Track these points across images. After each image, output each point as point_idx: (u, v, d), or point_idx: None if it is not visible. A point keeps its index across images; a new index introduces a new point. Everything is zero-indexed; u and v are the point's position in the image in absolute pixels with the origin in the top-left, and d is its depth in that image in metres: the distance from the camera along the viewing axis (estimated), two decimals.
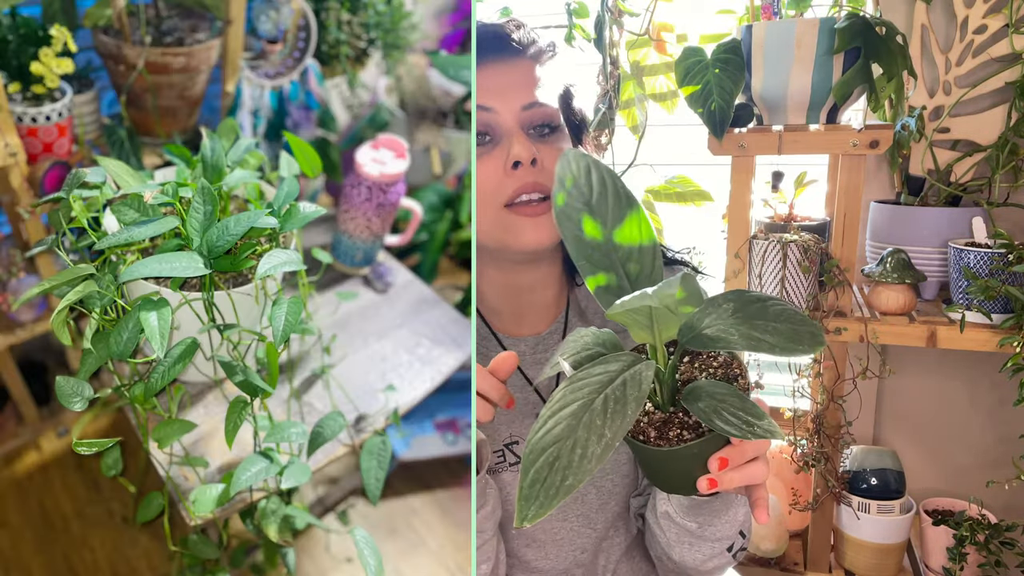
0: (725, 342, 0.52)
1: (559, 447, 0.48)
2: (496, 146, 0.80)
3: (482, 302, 0.91)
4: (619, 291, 0.57)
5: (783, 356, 0.50)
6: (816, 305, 1.21)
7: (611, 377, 0.51)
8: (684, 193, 1.46)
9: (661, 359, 0.55)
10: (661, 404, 0.58)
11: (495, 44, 0.82)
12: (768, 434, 0.50)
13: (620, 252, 0.58)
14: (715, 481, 0.57)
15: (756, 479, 0.59)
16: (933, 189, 1.34)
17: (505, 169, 0.79)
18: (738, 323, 0.52)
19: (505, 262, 0.85)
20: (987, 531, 1.24)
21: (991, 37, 1.31)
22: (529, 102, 0.80)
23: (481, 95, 0.80)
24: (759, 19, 1.22)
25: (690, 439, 0.55)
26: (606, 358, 0.53)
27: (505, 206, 0.79)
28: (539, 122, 0.81)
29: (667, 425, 0.57)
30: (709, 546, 0.74)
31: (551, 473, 0.47)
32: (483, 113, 0.80)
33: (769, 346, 0.51)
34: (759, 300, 0.53)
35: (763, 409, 0.52)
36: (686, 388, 0.55)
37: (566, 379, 0.52)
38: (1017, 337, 1.11)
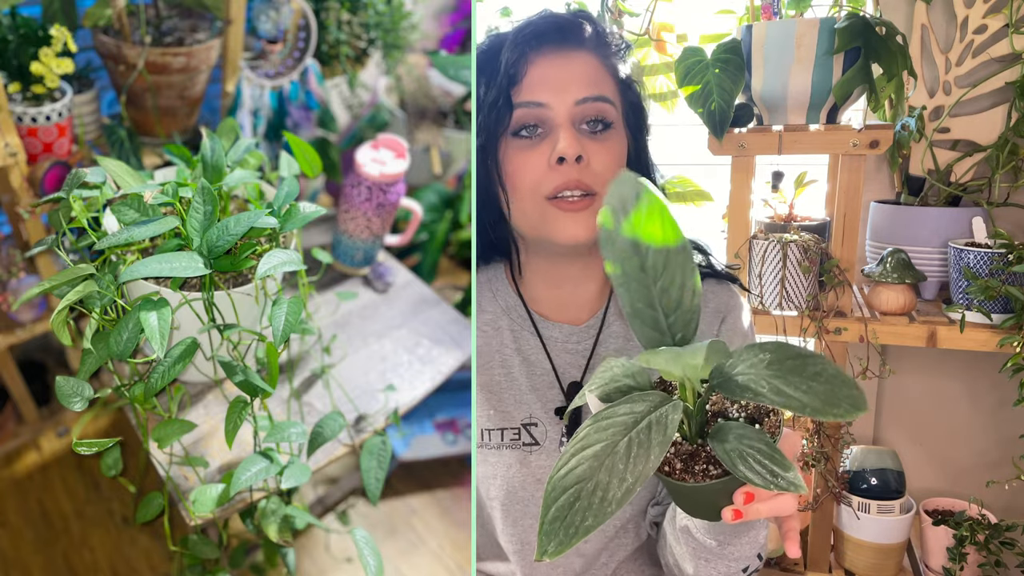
0: (753, 393, 0.50)
1: (580, 488, 0.48)
2: (544, 139, 0.79)
3: (525, 289, 0.91)
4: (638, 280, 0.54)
5: (814, 416, 0.49)
6: (816, 305, 1.21)
7: (636, 419, 0.51)
8: (684, 193, 1.46)
9: (690, 397, 0.54)
10: (689, 436, 0.57)
11: (555, 34, 0.80)
12: (791, 487, 0.48)
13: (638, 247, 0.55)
14: (740, 513, 0.56)
15: (784, 512, 0.58)
16: (933, 189, 1.34)
17: (549, 163, 0.78)
18: (771, 375, 0.50)
19: (547, 252, 0.85)
20: (987, 531, 1.24)
21: (991, 37, 1.31)
22: (583, 96, 0.78)
23: (536, 89, 0.79)
24: (759, 19, 1.22)
25: (716, 474, 0.54)
26: (632, 396, 0.52)
27: (546, 198, 0.79)
28: (592, 117, 0.79)
29: (694, 458, 0.56)
30: (725, 564, 0.73)
31: (571, 513, 0.48)
32: (535, 109, 0.78)
33: (800, 405, 0.48)
34: (799, 356, 0.50)
35: (790, 455, 0.50)
36: (714, 427, 0.54)
37: (592, 416, 0.52)
38: (1017, 337, 1.12)
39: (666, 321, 0.54)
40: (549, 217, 0.79)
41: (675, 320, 0.54)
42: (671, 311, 0.54)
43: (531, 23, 0.81)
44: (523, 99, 0.79)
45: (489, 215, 0.85)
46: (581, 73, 0.80)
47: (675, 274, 0.53)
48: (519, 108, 0.79)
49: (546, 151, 0.78)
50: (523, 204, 0.81)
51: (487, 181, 0.83)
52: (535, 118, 0.79)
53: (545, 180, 0.78)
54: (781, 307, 1.24)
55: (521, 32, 0.80)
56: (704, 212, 1.48)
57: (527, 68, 0.79)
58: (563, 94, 0.78)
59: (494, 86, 0.80)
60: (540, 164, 0.78)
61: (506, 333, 0.89)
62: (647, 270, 0.53)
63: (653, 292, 0.54)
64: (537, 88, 0.79)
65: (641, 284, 0.54)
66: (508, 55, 0.79)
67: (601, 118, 0.79)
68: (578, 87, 0.79)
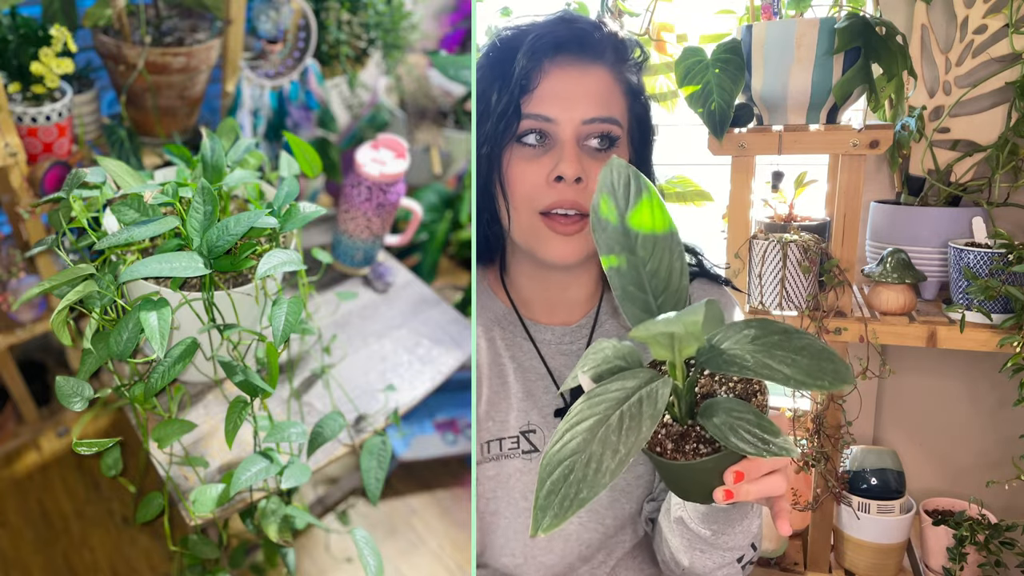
0: (739, 366, 0.52)
1: (574, 460, 0.49)
2: (546, 152, 0.78)
3: (514, 291, 0.91)
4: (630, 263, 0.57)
5: (798, 389, 0.50)
6: (816, 305, 1.21)
7: (627, 394, 0.52)
8: (684, 193, 1.46)
9: (679, 375, 0.55)
10: (679, 417, 0.58)
11: (575, 45, 0.79)
12: (784, 452, 0.49)
13: (634, 236, 0.57)
14: (731, 493, 0.57)
15: (774, 492, 0.59)
16: (933, 189, 1.34)
17: (548, 179, 0.77)
18: (756, 350, 0.52)
19: (537, 261, 0.84)
20: (987, 531, 1.24)
21: (991, 37, 1.31)
22: (592, 116, 0.78)
23: (546, 102, 0.78)
24: (759, 19, 1.22)
25: (706, 453, 0.55)
26: (624, 374, 0.54)
27: (540, 213, 0.79)
28: (597, 135, 0.79)
29: (684, 438, 0.57)
30: (720, 555, 0.74)
31: (566, 485, 0.49)
32: (542, 122, 0.78)
33: (784, 377, 0.50)
34: (785, 331, 0.52)
35: (780, 427, 0.52)
36: (703, 404, 0.55)
37: (584, 394, 0.53)
38: (1017, 337, 1.11)
39: (655, 302, 0.57)
40: (541, 235, 0.79)
41: (664, 301, 0.57)
42: (660, 292, 0.57)
43: (551, 29, 0.79)
44: (532, 111, 0.78)
45: (485, 212, 0.85)
46: (593, 90, 0.79)
47: (663, 257, 0.56)
48: (528, 119, 0.78)
49: (547, 165, 0.78)
50: (517, 213, 0.80)
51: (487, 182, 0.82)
52: (540, 130, 0.79)
53: (541, 195, 0.78)
54: (781, 307, 1.24)
55: (540, 39, 0.79)
56: (704, 212, 1.48)
57: (540, 79, 0.78)
58: (572, 111, 0.77)
59: (505, 92, 0.78)
60: (539, 178, 0.78)
61: (499, 343, 0.89)
62: (637, 254, 0.57)
63: (643, 275, 0.57)
64: (548, 101, 0.78)
65: (632, 267, 0.57)
66: (523, 62, 0.78)
67: (607, 135, 0.79)
68: (587, 105, 0.78)
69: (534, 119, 0.78)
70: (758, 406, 0.57)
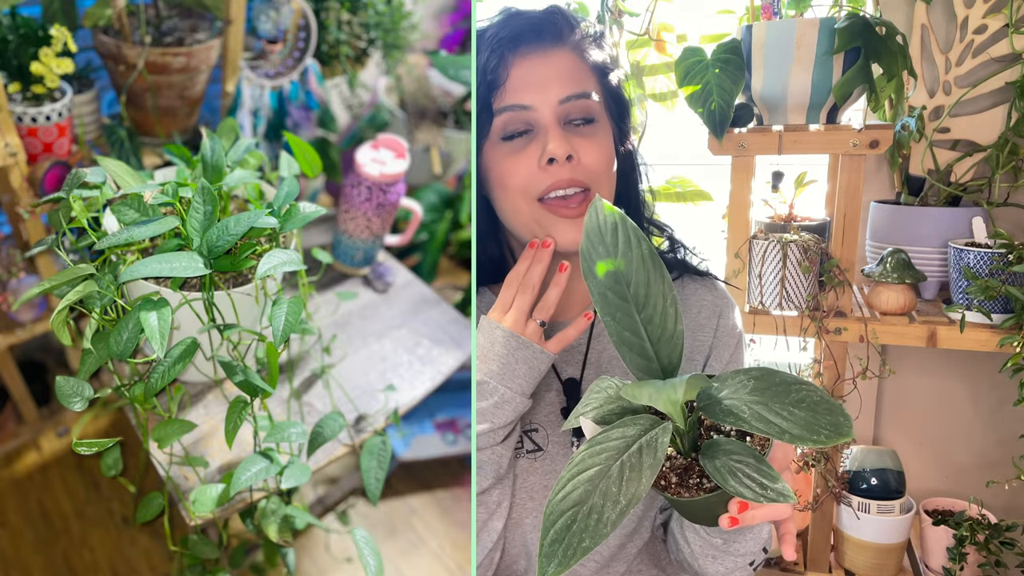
0: (736, 418, 0.52)
1: (576, 511, 0.51)
2: (531, 141, 0.79)
3: None
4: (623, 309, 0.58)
5: (795, 443, 0.50)
6: (816, 305, 1.21)
7: (628, 443, 0.53)
8: (684, 193, 1.46)
9: (679, 418, 0.56)
10: (683, 451, 0.59)
11: (532, 34, 0.79)
12: (780, 498, 0.49)
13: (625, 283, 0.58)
14: (736, 520, 0.58)
15: (779, 516, 0.60)
16: (933, 189, 1.34)
17: (540, 164, 0.78)
18: (754, 401, 0.52)
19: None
20: (987, 531, 1.24)
21: (991, 37, 1.31)
22: (567, 95, 0.78)
23: (519, 92, 0.78)
24: (759, 19, 1.22)
25: (709, 487, 0.57)
26: (624, 421, 0.55)
27: (539, 200, 0.79)
28: (577, 115, 0.79)
29: (688, 471, 0.58)
30: (732, 560, 0.75)
31: (569, 535, 0.50)
32: (521, 112, 0.78)
33: (779, 431, 0.50)
34: (785, 382, 0.52)
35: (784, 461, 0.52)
36: (704, 444, 0.56)
37: (587, 440, 0.54)
38: (1017, 337, 1.12)
39: (653, 348, 0.58)
40: (546, 222, 0.79)
41: (661, 347, 0.58)
42: (656, 339, 0.58)
43: (505, 24, 0.81)
44: (508, 103, 0.79)
45: (488, 237, 0.85)
46: (562, 70, 0.79)
47: (657, 302, 0.57)
48: (505, 112, 0.79)
49: (535, 152, 0.78)
50: (515, 206, 0.80)
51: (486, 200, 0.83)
52: (522, 121, 0.79)
53: (536, 181, 0.78)
54: (781, 307, 1.24)
55: (496, 35, 0.80)
56: (704, 212, 1.48)
57: (509, 72, 0.79)
58: (546, 94, 0.78)
59: (480, 93, 0.80)
60: (530, 165, 0.78)
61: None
62: (629, 299, 0.58)
63: (638, 321, 0.58)
64: (521, 91, 0.78)
65: (626, 313, 0.58)
66: (486, 60, 0.79)
67: (586, 115, 0.80)
68: (560, 86, 0.78)
69: (512, 110, 0.79)
70: (762, 437, 0.58)
